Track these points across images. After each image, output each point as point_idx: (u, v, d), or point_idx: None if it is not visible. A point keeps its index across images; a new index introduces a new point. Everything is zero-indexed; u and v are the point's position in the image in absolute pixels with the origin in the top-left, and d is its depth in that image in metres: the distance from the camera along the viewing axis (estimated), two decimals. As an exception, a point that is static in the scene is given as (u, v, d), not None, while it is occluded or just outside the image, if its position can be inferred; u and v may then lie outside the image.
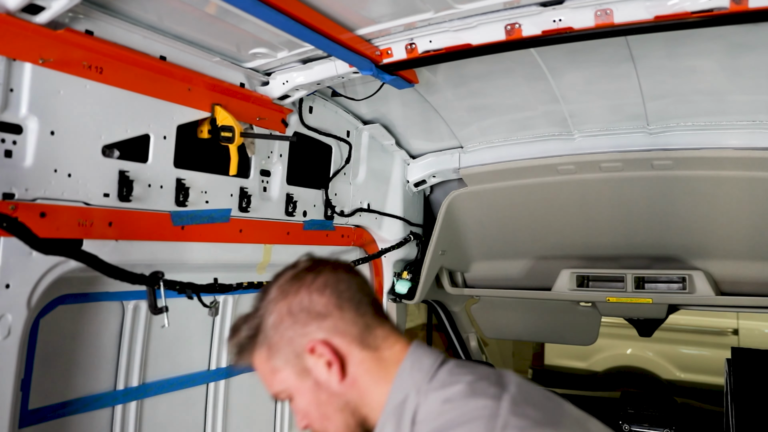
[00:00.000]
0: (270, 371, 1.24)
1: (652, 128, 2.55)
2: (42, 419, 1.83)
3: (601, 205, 2.93)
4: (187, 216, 1.99)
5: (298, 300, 1.23)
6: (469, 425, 1.03)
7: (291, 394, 1.24)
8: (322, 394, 1.21)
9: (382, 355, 1.22)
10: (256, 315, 1.28)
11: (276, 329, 1.22)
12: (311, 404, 1.22)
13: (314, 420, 1.24)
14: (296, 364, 1.21)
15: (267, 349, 1.24)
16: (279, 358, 1.22)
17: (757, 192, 2.54)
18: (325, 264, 1.28)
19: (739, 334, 5.75)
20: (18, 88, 1.52)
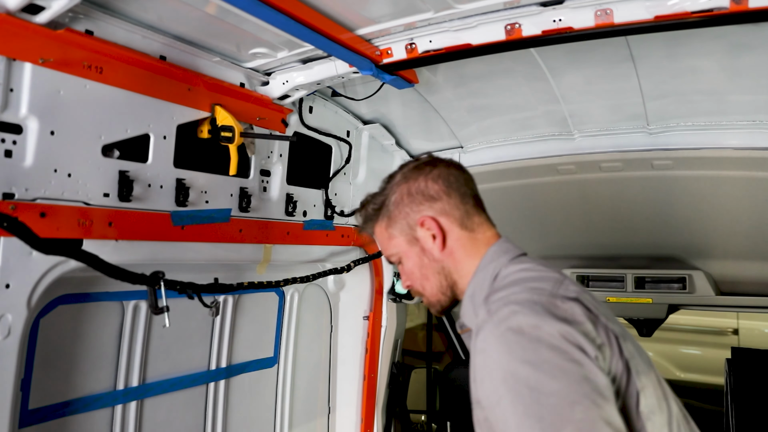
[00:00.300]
0: (387, 237, 1.59)
1: (652, 128, 2.55)
2: (42, 419, 1.83)
3: (601, 205, 2.93)
4: (187, 216, 1.99)
5: (416, 185, 1.56)
6: (539, 282, 1.33)
7: (401, 258, 1.59)
8: (425, 258, 1.54)
9: (476, 236, 1.54)
10: (382, 194, 1.62)
11: (396, 206, 1.57)
12: (416, 266, 1.56)
13: (416, 279, 1.57)
14: (408, 234, 1.55)
15: (387, 220, 1.58)
16: (396, 228, 1.57)
17: (757, 192, 2.54)
18: (441, 161, 1.61)
19: (739, 334, 5.75)
20: (18, 88, 1.52)
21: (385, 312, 3.20)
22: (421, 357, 4.60)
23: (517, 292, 1.31)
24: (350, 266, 2.73)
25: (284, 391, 2.86)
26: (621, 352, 1.29)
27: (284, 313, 2.85)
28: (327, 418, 3.15)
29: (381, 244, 1.64)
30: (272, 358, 2.81)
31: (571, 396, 1.14)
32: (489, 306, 1.31)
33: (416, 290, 1.61)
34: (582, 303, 1.30)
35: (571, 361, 1.17)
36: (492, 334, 1.23)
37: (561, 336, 1.20)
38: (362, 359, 3.15)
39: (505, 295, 1.31)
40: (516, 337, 1.20)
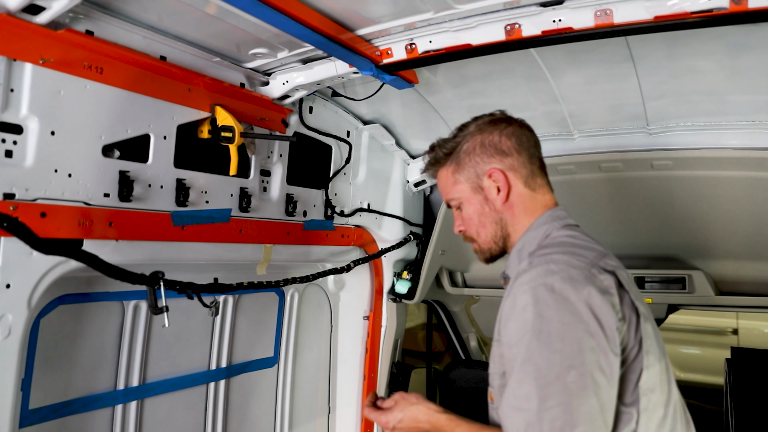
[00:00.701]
0: (453, 182, 1.66)
1: (652, 128, 2.55)
2: (42, 419, 1.83)
3: (601, 205, 2.93)
4: (188, 216, 1.99)
5: (490, 138, 1.63)
6: (584, 249, 1.44)
7: (461, 203, 1.67)
8: (486, 207, 1.63)
9: (536, 196, 1.64)
10: (453, 140, 1.68)
11: (467, 154, 1.64)
12: (476, 213, 1.65)
13: (472, 225, 1.66)
14: (474, 182, 1.63)
15: (456, 165, 1.65)
16: (462, 174, 1.64)
17: (757, 192, 2.55)
18: (515, 119, 1.68)
19: (739, 334, 5.75)
20: (18, 88, 1.52)
21: (385, 312, 3.20)
22: (421, 357, 4.60)
23: (559, 252, 1.42)
24: (350, 266, 2.73)
25: (284, 391, 2.87)
26: (638, 328, 1.38)
27: (284, 313, 2.85)
28: (327, 418, 3.15)
29: (443, 187, 1.71)
30: (272, 358, 2.81)
31: (570, 360, 1.25)
32: (532, 259, 1.43)
33: (469, 236, 1.69)
34: (617, 277, 1.40)
35: (585, 330, 1.28)
36: (527, 284, 1.35)
37: (586, 304, 1.30)
38: (362, 359, 3.16)
39: (548, 253, 1.42)
40: (546, 293, 1.31)
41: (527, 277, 1.36)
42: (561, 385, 1.24)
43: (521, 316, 1.33)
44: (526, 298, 1.33)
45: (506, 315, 1.39)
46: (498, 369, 1.47)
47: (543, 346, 1.28)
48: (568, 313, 1.29)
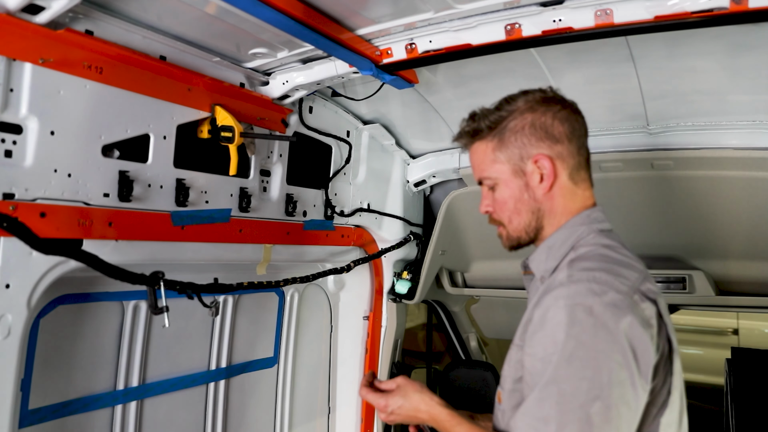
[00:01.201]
0: (492, 159, 1.51)
1: (652, 128, 2.54)
2: (42, 419, 1.83)
3: (601, 205, 2.92)
4: (187, 216, 1.99)
5: (542, 119, 1.49)
6: (626, 268, 1.34)
7: (497, 183, 1.53)
8: (525, 194, 1.50)
9: (577, 190, 1.53)
10: (499, 113, 1.52)
11: (514, 133, 1.49)
12: (512, 198, 1.51)
13: (506, 210, 1.53)
14: (517, 164, 1.49)
15: (498, 141, 1.50)
16: (504, 153, 1.50)
17: (757, 192, 2.54)
18: (569, 102, 1.56)
19: (739, 334, 5.75)
20: (18, 88, 1.52)
21: (385, 312, 3.20)
22: (421, 357, 4.60)
23: (601, 270, 1.32)
24: (350, 266, 2.73)
25: (284, 391, 2.87)
26: (669, 363, 1.33)
27: (284, 313, 2.85)
28: (327, 418, 3.15)
29: (479, 162, 1.56)
30: (272, 358, 2.81)
31: (598, 390, 1.19)
32: (572, 271, 1.35)
33: (498, 219, 1.57)
34: (658, 306, 1.33)
35: (619, 362, 1.21)
36: (564, 299, 1.28)
37: (625, 335, 1.23)
38: (362, 359, 3.15)
39: (591, 268, 1.33)
40: (584, 316, 1.23)
41: (565, 292, 1.29)
42: (583, 415, 1.18)
43: (553, 333, 1.26)
44: (561, 316, 1.25)
45: (535, 325, 1.32)
46: (513, 373, 1.41)
47: (572, 370, 1.21)
48: (604, 341, 1.22)
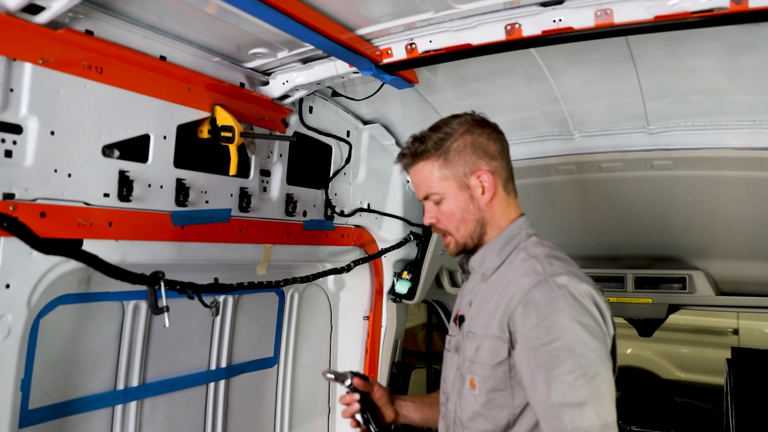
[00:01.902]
0: (438, 177, 1.69)
1: (652, 128, 2.54)
2: (42, 419, 1.83)
3: (601, 205, 2.93)
4: (187, 216, 1.99)
5: (479, 140, 1.70)
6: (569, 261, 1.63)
7: (443, 198, 1.71)
8: (470, 205, 1.70)
9: (510, 200, 1.76)
10: (439, 135, 1.71)
11: (457, 152, 1.68)
12: (459, 209, 1.71)
13: (453, 220, 1.71)
14: (461, 180, 1.69)
15: (443, 160, 1.69)
16: (450, 170, 1.69)
17: (757, 192, 2.54)
18: (493, 124, 1.77)
19: (739, 334, 5.74)
20: (18, 88, 1.52)
21: (385, 312, 3.20)
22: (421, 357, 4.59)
23: (567, 263, 1.61)
24: (350, 266, 2.73)
25: (284, 391, 2.87)
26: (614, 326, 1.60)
27: (284, 313, 2.85)
28: (327, 418, 3.15)
29: (425, 180, 1.72)
30: (272, 358, 2.81)
31: (603, 356, 1.47)
32: (545, 263, 1.58)
33: (444, 228, 1.74)
34: None
35: (601, 330, 1.51)
36: (553, 292, 1.50)
37: (596, 307, 1.53)
38: (362, 359, 3.15)
39: (560, 258, 1.62)
40: (572, 300, 1.49)
41: (550, 286, 1.51)
42: (600, 381, 1.43)
43: (556, 318, 1.47)
44: (557, 306, 1.48)
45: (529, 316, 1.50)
46: (489, 360, 1.58)
47: (582, 347, 1.45)
48: (590, 317, 1.50)
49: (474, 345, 1.63)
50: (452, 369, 1.73)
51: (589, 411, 1.39)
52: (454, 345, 1.75)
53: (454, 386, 1.70)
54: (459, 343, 1.72)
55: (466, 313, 1.73)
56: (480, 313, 1.66)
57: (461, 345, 1.70)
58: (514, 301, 1.54)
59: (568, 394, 1.41)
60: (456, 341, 1.75)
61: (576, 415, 1.39)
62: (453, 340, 1.79)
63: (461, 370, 1.67)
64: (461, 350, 1.69)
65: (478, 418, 1.59)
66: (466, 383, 1.63)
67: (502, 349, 1.55)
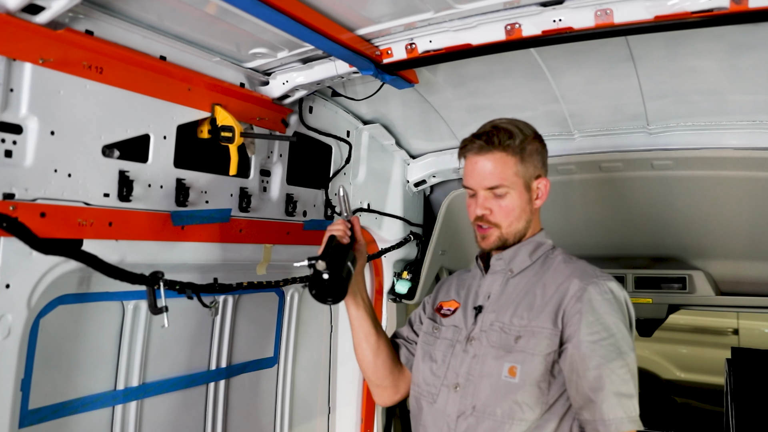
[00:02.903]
0: (513, 171, 1.75)
1: (652, 128, 2.55)
2: (42, 419, 1.83)
3: (601, 205, 2.93)
4: (187, 216, 1.99)
5: (542, 149, 1.83)
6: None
7: (509, 192, 1.76)
8: (527, 205, 1.80)
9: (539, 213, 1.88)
10: (521, 134, 1.77)
11: (530, 154, 1.77)
12: (518, 207, 1.78)
13: (510, 215, 1.78)
14: (527, 180, 1.78)
15: (520, 158, 1.75)
16: (522, 168, 1.76)
17: (757, 192, 2.55)
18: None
19: (739, 334, 5.74)
20: (18, 88, 1.52)
21: (385, 312, 3.20)
22: (421, 357, 4.58)
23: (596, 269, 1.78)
24: (350, 266, 2.72)
25: (284, 391, 2.86)
26: None
27: (284, 313, 2.85)
28: (327, 418, 3.15)
29: (500, 171, 1.74)
30: (272, 358, 2.81)
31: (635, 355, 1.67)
32: (592, 269, 1.76)
33: (498, 222, 1.78)
34: None
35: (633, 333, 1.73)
36: (606, 294, 1.68)
37: (629, 313, 1.74)
38: (362, 359, 3.15)
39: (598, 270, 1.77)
40: (619, 304, 1.70)
41: (600, 289, 1.68)
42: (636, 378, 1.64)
43: (610, 318, 1.64)
44: (613, 305, 1.67)
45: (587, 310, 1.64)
46: (543, 350, 1.66)
47: (627, 347, 1.64)
48: (632, 322, 1.73)
49: (512, 335, 1.70)
50: (465, 358, 1.76)
51: (635, 403, 1.59)
52: (466, 335, 1.79)
53: (471, 375, 1.72)
54: (476, 334, 1.77)
55: (485, 303, 1.81)
56: (513, 306, 1.75)
57: (482, 336, 1.75)
58: (568, 296, 1.67)
59: (621, 386, 1.58)
60: (469, 331, 1.79)
61: (628, 406, 1.57)
62: (460, 330, 1.83)
63: (487, 358, 1.72)
64: (485, 340, 1.74)
65: (512, 407, 1.64)
66: (503, 371, 1.67)
67: (554, 340, 1.65)
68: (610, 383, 1.57)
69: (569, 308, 1.66)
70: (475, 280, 1.92)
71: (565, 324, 1.65)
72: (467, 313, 1.84)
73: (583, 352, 1.60)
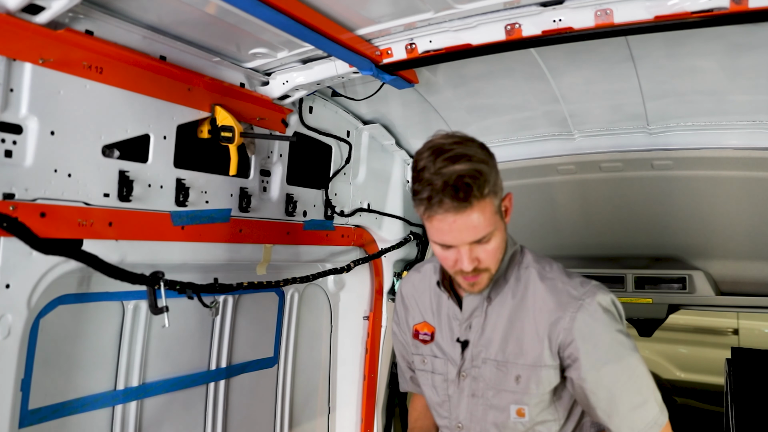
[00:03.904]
0: (493, 214, 1.46)
1: (652, 128, 2.54)
2: (42, 419, 1.83)
3: (601, 205, 2.93)
4: (187, 216, 1.99)
5: (494, 159, 1.50)
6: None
7: (493, 234, 1.48)
8: (505, 231, 1.56)
9: None
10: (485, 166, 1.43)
11: (496, 181, 1.47)
12: (502, 240, 1.54)
13: (497, 254, 1.53)
14: (499, 207, 1.49)
15: (494, 194, 1.46)
16: (497, 202, 1.48)
17: (757, 192, 2.54)
18: None
19: (739, 334, 5.74)
20: (18, 88, 1.52)
21: (385, 312, 3.20)
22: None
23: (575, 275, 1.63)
24: (350, 266, 2.73)
25: (284, 391, 2.86)
26: None
27: (284, 313, 2.85)
28: (327, 418, 3.15)
29: (483, 222, 1.43)
30: (272, 358, 2.81)
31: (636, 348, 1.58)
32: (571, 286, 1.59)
33: (488, 266, 1.52)
34: None
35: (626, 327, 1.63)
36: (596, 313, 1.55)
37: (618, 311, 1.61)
38: (362, 359, 3.15)
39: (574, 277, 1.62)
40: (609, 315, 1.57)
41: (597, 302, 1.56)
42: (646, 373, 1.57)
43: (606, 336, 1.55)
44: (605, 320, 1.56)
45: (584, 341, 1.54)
46: (545, 388, 1.59)
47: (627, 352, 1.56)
48: (624, 320, 1.62)
49: (511, 374, 1.61)
50: (462, 397, 1.68)
51: (653, 403, 1.54)
52: (457, 372, 1.68)
53: (474, 415, 1.66)
54: (467, 370, 1.66)
55: (469, 337, 1.66)
56: (500, 338, 1.62)
57: (473, 373, 1.65)
58: (560, 329, 1.56)
59: (635, 397, 1.54)
60: (459, 368, 1.68)
61: (647, 412, 1.53)
62: (447, 364, 1.71)
63: (489, 398, 1.64)
64: (480, 379, 1.65)
65: None
66: (511, 414, 1.61)
67: (554, 375, 1.59)
68: (623, 403, 1.53)
69: (564, 341, 1.55)
70: (441, 299, 1.75)
71: (563, 357, 1.57)
72: (448, 343, 1.70)
73: (590, 383, 1.54)
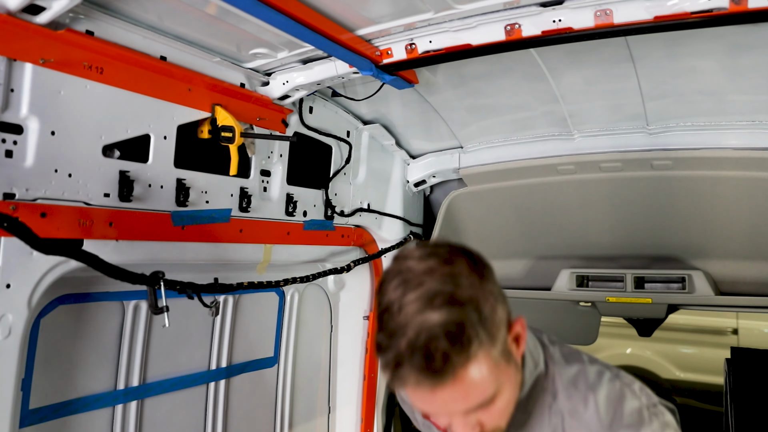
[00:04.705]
0: (493, 367, 1.01)
1: (651, 128, 2.55)
2: (42, 419, 1.83)
3: (601, 205, 2.93)
4: (188, 216, 1.99)
5: (492, 277, 1.04)
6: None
7: (499, 393, 1.05)
8: (517, 373, 1.08)
9: None
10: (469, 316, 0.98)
11: (493, 317, 1.00)
12: (513, 394, 1.08)
13: (504, 413, 1.08)
14: (503, 350, 1.04)
15: (491, 340, 0.99)
16: (498, 348, 1.01)
17: (757, 192, 2.55)
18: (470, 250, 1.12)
19: (739, 334, 5.74)
20: (18, 88, 1.52)
21: (385, 312, 3.19)
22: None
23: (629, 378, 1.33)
24: (350, 266, 2.73)
25: (284, 391, 2.86)
26: None
27: (284, 313, 2.85)
28: (327, 418, 3.15)
29: (480, 384, 1.02)
30: (272, 358, 2.81)
31: None
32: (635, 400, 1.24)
33: (496, 425, 1.12)
34: None
35: None
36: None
37: None
38: (362, 359, 3.15)
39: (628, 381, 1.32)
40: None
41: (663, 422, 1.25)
42: None
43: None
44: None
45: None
46: None
47: None
48: None
49: None
50: None
51: None
52: None
53: None
54: None
55: None
56: None
57: None
58: None
59: None
60: None
61: None
62: None
63: None
64: None
65: None
66: None
67: None
68: None
69: None
70: None
71: None
72: None
73: None
